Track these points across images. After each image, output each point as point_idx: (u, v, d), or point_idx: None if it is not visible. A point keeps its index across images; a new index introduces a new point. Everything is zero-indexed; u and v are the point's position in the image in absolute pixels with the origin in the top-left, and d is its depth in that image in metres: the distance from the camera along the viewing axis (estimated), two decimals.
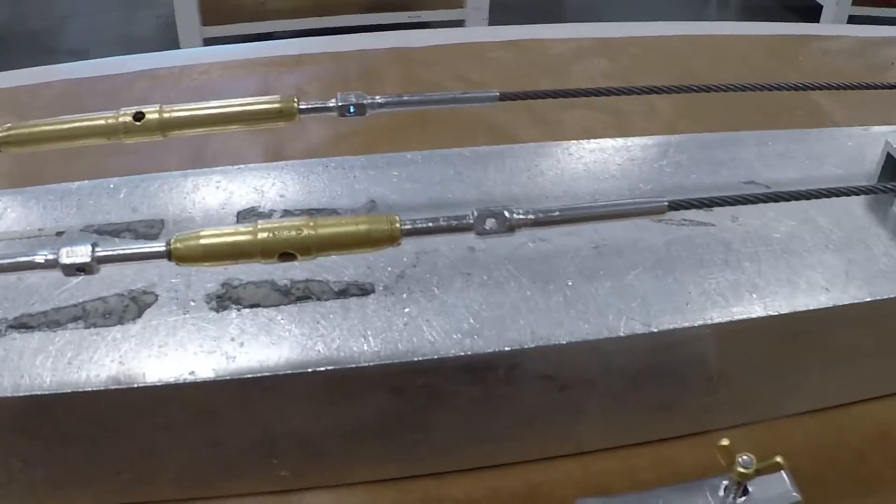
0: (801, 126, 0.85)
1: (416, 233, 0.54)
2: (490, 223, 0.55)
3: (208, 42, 2.61)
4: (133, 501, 0.62)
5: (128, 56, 1.16)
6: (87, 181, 0.71)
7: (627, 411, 0.64)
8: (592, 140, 0.77)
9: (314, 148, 0.94)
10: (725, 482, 0.59)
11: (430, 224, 0.54)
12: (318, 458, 0.61)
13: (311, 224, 0.53)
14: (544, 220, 0.55)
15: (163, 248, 0.53)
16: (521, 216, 0.55)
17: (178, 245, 0.53)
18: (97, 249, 0.52)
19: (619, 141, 0.78)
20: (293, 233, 0.52)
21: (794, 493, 0.60)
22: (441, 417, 0.60)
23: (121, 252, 0.53)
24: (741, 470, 0.58)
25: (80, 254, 0.52)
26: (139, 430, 0.58)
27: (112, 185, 0.70)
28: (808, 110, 1.08)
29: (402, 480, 0.63)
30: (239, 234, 0.53)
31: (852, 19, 2.90)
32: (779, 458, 0.58)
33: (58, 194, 0.70)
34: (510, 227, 0.55)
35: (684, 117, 1.05)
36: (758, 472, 0.58)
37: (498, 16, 2.90)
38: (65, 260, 0.52)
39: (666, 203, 0.58)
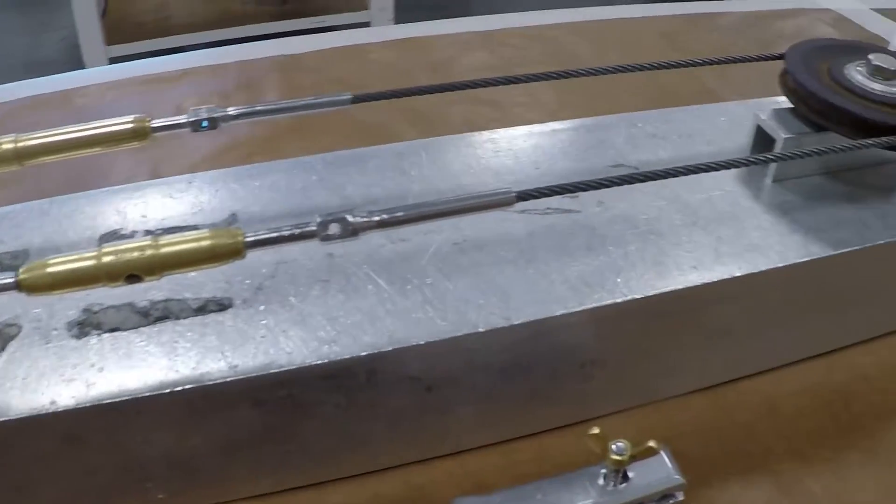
0: (686, 105, 0.87)
1: (260, 244, 0.55)
2: (333, 228, 0.56)
3: (114, 61, 2.61)
4: None
5: (14, 83, 1.16)
6: None
7: (502, 406, 0.65)
8: (458, 135, 0.79)
9: (195, 163, 0.96)
10: (604, 470, 0.61)
11: (274, 234, 0.55)
12: (193, 477, 0.62)
13: (154, 244, 0.53)
14: (388, 221, 0.56)
15: (10, 280, 0.53)
16: (364, 219, 0.56)
17: (26, 276, 0.53)
18: None
19: (486, 134, 0.79)
20: (136, 254, 0.53)
21: (676, 476, 0.62)
22: (309, 427, 0.61)
23: None
24: (615, 457, 0.59)
25: None
26: (13, 463, 0.59)
27: None
28: (693, 89, 1.10)
29: (282, 493, 0.64)
30: (84, 260, 0.53)
31: None
32: (652, 443, 0.59)
33: None
34: (353, 231, 0.56)
35: (566, 105, 1.07)
36: (633, 458, 0.59)
37: (404, 15, 2.93)
38: None
39: (514, 194, 0.59)
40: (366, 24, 2.97)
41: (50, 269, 0.53)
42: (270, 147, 0.97)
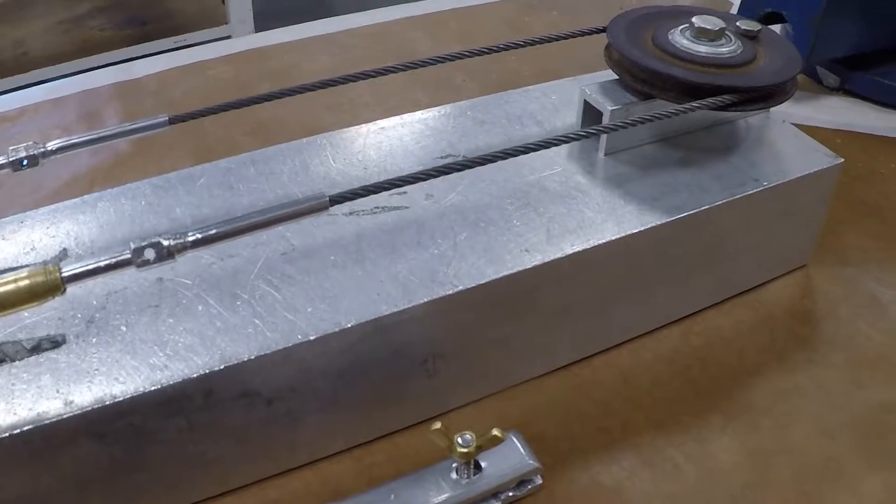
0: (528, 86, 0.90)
1: (77, 278, 0.57)
2: (149, 254, 0.57)
3: None
4: None
5: None
6: None
7: (350, 411, 0.67)
8: (286, 143, 0.81)
9: (39, 200, 0.96)
10: (455, 464, 0.63)
11: (90, 267, 0.57)
12: None
13: None
14: (203, 241, 0.59)
15: None
16: (179, 241, 0.58)
17: None
18: None
19: (318, 138, 0.80)
20: None
21: (530, 461, 0.64)
22: (156, 454, 0.62)
23: None
24: (462, 450, 0.61)
25: None
26: None
27: None
28: (536, 71, 1.14)
29: None
30: None
31: None
32: (496, 431, 0.61)
33: None
34: (169, 254, 0.58)
35: (410, 101, 1.10)
36: (480, 449, 0.62)
37: (264, 24, 2.96)
38: None
39: (327, 198, 0.61)
40: (227, 38, 2.99)
41: None
42: (113, 175, 0.99)
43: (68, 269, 0.56)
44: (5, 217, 0.75)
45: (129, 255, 0.57)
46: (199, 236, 0.59)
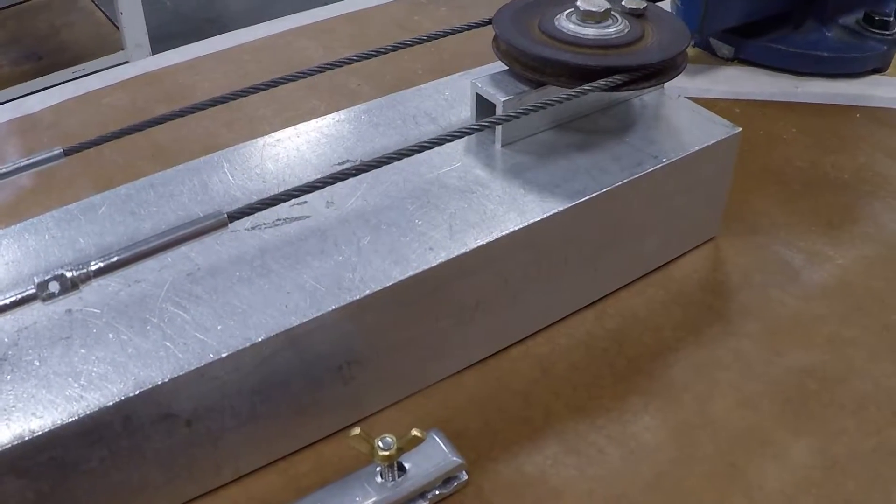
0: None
1: None
2: (53, 286, 0.61)
3: None
4: None
5: None
6: None
7: (270, 424, 0.70)
8: (188, 163, 0.84)
9: None
10: (379, 468, 0.67)
11: None
12: None
13: None
14: (106, 269, 0.62)
15: None
16: (82, 271, 0.61)
17: None
18: None
19: (215, 156, 0.84)
20: None
21: (454, 458, 0.68)
22: (81, 485, 0.65)
23: None
24: (383, 453, 0.65)
25: None
26: None
27: None
28: (429, 68, 1.19)
29: None
30: None
31: None
32: (416, 431, 0.65)
33: None
34: (74, 285, 0.61)
35: (304, 111, 1.15)
36: (401, 450, 0.66)
37: (161, 47, 3.00)
38: None
39: (225, 215, 0.65)
40: (125, 63, 3.04)
41: None
42: (15, 212, 1.02)
43: None
44: None
45: (33, 290, 0.61)
46: (102, 265, 0.62)
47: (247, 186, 0.80)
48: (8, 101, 1.28)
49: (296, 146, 0.85)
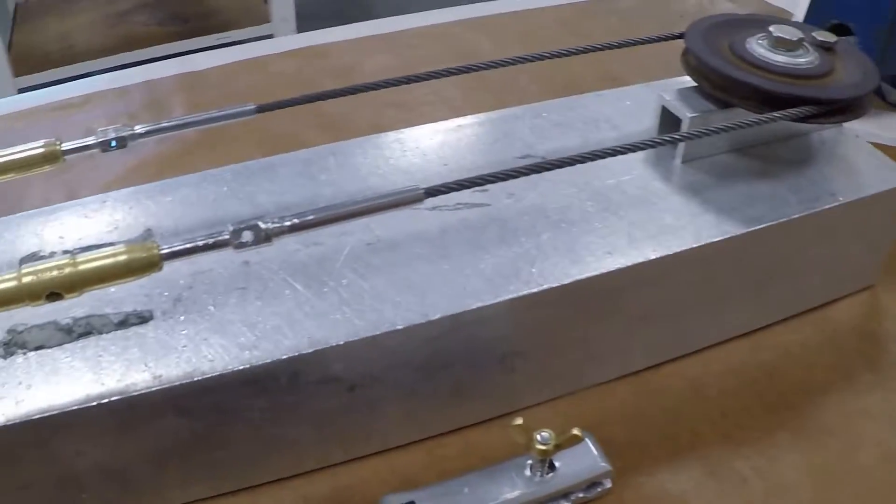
0: (593, 91, 0.94)
1: (176, 256, 0.61)
2: (247, 236, 0.62)
3: (24, 91, 2.73)
4: None
5: None
6: None
7: (426, 402, 0.72)
8: (366, 137, 0.86)
9: (109, 182, 1.03)
10: (530, 461, 0.68)
11: (189, 245, 0.61)
12: (127, 487, 0.68)
13: (73, 262, 0.59)
14: (301, 226, 0.63)
15: None
16: (276, 224, 0.62)
17: None
18: None
19: (392, 134, 0.86)
20: (55, 273, 0.59)
21: (603, 463, 0.69)
22: (236, 433, 0.67)
23: None
24: (540, 447, 0.66)
25: None
26: None
27: None
28: (598, 75, 1.18)
29: (215, 499, 0.70)
30: (4, 282, 0.59)
31: None
32: (577, 431, 0.65)
33: None
34: (267, 237, 0.62)
35: (471, 101, 1.15)
36: (558, 447, 0.66)
37: (306, 24, 3.05)
38: None
39: (422, 191, 0.66)
40: (269, 37, 3.10)
41: None
42: (180, 163, 1.05)
43: (166, 248, 0.61)
44: (81, 198, 0.80)
45: (227, 236, 0.62)
46: (297, 221, 0.63)
47: (427, 168, 0.82)
48: (162, 58, 1.31)
49: (476, 134, 0.86)
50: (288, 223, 0.63)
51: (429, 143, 0.85)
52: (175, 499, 0.70)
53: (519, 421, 0.65)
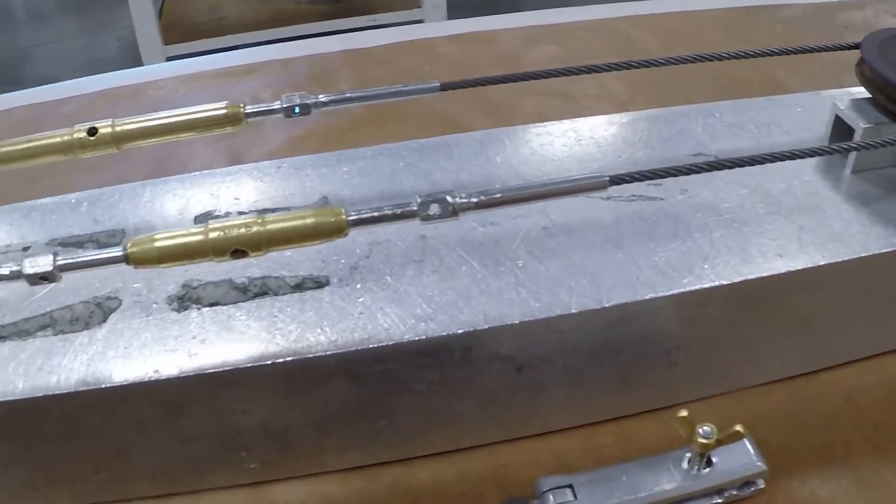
0: (757, 96, 0.93)
1: (362, 223, 0.62)
2: (434, 209, 0.63)
3: (172, 59, 2.80)
4: (110, 500, 0.71)
5: (86, 77, 1.27)
6: (49, 198, 0.80)
7: (588, 389, 0.72)
8: (539, 124, 0.86)
9: (273, 152, 1.05)
10: (689, 454, 0.68)
11: (376, 213, 0.62)
12: (286, 448, 0.69)
13: (260, 221, 0.61)
14: (487, 203, 0.64)
15: (119, 253, 0.61)
16: (464, 200, 0.63)
17: (134, 249, 0.61)
18: (58, 258, 0.61)
19: (567, 123, 0.86)
20: (243, 230, 0.60)
21: (759, 463, 0.68)
22: (403, 403, 0.68)
23: (80, 259, 0.61)
24: (702, 441, 0.66)
25: (42, 263, 0.61)
26: (111, 430, 0.66)
27: (74, 200, 0.79)
28: (763, 80, 1.17)
29: (371, 467, 0.72)
30: (191, 235, 0.61)
31: None
32: (739, 427, 0.65)
33: (22, 212, 0.79)
34: (454, 212, 0.63)
35: (637, 96, 1.15)
36: (719, 442, 0.66)
37: (456, 13, 3.07)
38: (28, 270, 0.61)
39: (607, 178, 0.66)
40: (419, 22, 3.13)
41: (157, 244, 0.61)
42: (347, 137, 1.06)
43: (354, 214, 0.62)
44: (261, 161, 0.83)
45: (414, 208, 0.63)
46: (484, 198, 0.64)
47: (600, 158, 0.82)
48: (303, 37, 1.33)
49: (648, 129, 0.86)
50: (475, 199, 0.63)
51: (602, 134, 0.85)
52: (332, 464, 0.71)
53: (684, 413, 0.65)
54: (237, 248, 0.61)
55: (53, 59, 3.65)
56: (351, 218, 0.62)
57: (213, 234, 0.60)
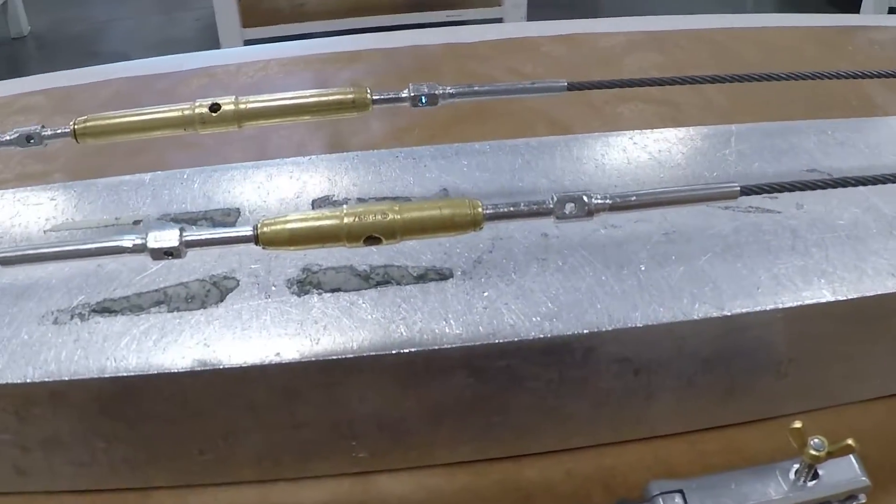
0: (854, 116, 0.94)
1: (498, 217, 0.62)
2: (569, 208, 0.63)
3: (249, 43, 2.89)
4: (210, 482, 0.71)
5: (184, 54, 1.28)
6: (160, 172, 0.81)
7: (698, 396, 0.72)
8: (655, 130, 0.87)
9: (375, 141, 1.05)
10: (796, 466, 0.68)
11: (511, 209, 0.63)
12: (397, 439, 0.70)
13: (396, 208, 0.61)
14: (621, 206, 0.64)
15: (249, 233, 0.61)
16: (600, 201, 0.63)
17: (266, 229, 0.61)
18: (185, 234, 0.61)
19: (682, 130, 0.87)
20: (379, 217, 0.61)
21: (864, 478, 0.69)
22: (519, 399, 0.69)
23: (208, 236, 0.62)
24: (813, 452, 0.66)
25: (167, 238, 0.61)
26: (222, 412, 0.67)
27: (185, 176, 0.80)
28: (860, 100, 1.18)
29: (479, 463, 0.72)
30: (325, 219, 0.61)
31: (893, 11, 3.05)
32: (850, 441, 0.66)
33: (131, 185, 0.79)
34: (589, 212, 0.63)
35: (739, 109, 1.14)
36: (829, 455, 0.67)
37: (535, 12, 3.10)
38: (153, 244, 0.61)
39: (738, 188, 0.67)
40: (498, 21, 3.16)
41: (290, 225, 0.61)
42: (450, 132, 1.06)
43: (489, 208, 0.62)
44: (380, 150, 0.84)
45: (550, 206, 0.63)
46: (619, 201, 0.64)
47: (713, 167, 0.83)
48: (377, 29, 1.34)
49: (760, 143, 0.86)
50: (610, 202, 0.64)
51: (714, 144, 0.86)
52: (440, 457, 0.72)
53: (798, 424, 0.65)
54: (371, 235, 0.61)
55: (129, 34, 3.75)
56: (487, 212, 0.62)
57: (347, 220, 0.61)
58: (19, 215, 0.78)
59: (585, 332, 0.65)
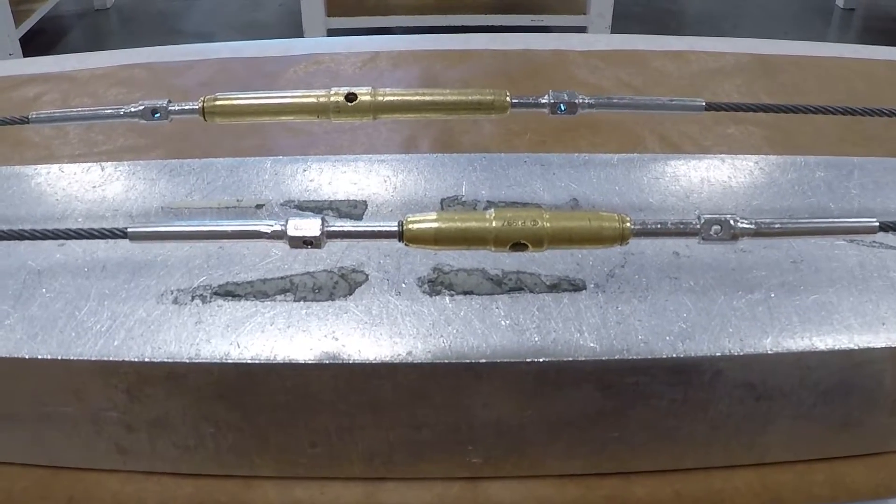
0: None
1: (645, 234, 0.64)
2: (715, 230, 0.65)
3: (332, 33, 3.02)
4: (318, 476, 0.73)
5: (290, 39, 1.31)
6: (281, 156, 0.83)
7: (812, 426, 0.74)
8: (780, 156, 0.89)
9: (485, 142, 1.08)
10: None
11: (658, 226, 0.65)
12: (513, 447, 0.72)
13: (546, 216, 0.63)
14: (765, 232, 0.66)
15: (394, 228, 0.63)
16: (745, 226, 0.65)
17: (411, 226, 0.63)
18: (327, 224, 0.63)
19: (803, 159, 0.89)
20: (529, 223, 0.62)
21: None
22: (639, 417, 0.70)
23: (350, 229, 0.64)
24: None
25: (308, 227, 0.63)
26: (342, 407, 0.68)
27: (308, 163, 0.82)
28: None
29: (590, 477, 0.74)
30: (472, 221, 0.63)
31: None
32: None
33: (251, 167, 0.82)
34: (734, 236, 0.65)
35: (847, 140, 1.17)
36: None
37: (619, 24, 3.17)
38: (293, 232, 0.63)
39: (877, 223, 0.69)
40: (582, 29, 3.25)
41: (436, 224, 0.63)
42: (561, 140, 1.09)
43: (637, 224, 0.64)
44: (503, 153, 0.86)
45: (697, 226, 0.65)
46: (763, 227, 0.66)
47: (848, 201, 0.85)
48: (474, 29, 1.37)
49: (881, 178, 0.89)
50: (754, 227, 0.66)
51: (835, 175, 0.88)
52: (552, 468, 0.74)
53: None
54: (518, 241, 0.63)
55: (212, 15, 3.87)
56: (635, 227, 0.64)
57: (496, 223, 0.63)
58: (135, 188, 0.80)
59: (718, 354, 0.67)
